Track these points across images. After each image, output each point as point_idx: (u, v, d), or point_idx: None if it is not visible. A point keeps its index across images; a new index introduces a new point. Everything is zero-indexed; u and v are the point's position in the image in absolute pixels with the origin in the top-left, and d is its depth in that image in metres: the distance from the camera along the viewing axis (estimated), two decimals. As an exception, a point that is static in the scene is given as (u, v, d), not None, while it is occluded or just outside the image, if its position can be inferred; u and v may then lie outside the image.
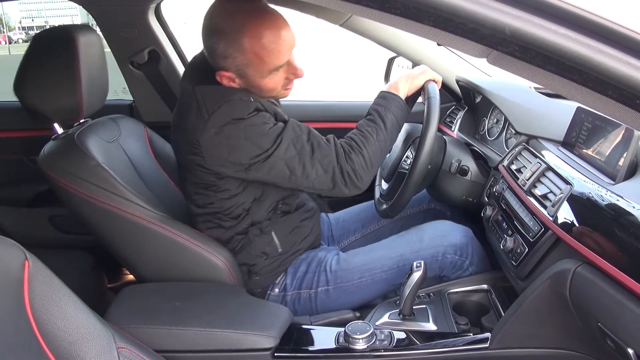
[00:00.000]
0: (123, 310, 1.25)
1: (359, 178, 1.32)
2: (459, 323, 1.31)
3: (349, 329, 1.18)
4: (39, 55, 1.34)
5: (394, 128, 1.39)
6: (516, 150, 1.45)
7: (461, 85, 1.88)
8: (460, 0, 0.55)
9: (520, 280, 1.23)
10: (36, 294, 0.81)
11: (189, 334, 1.17)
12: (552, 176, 1.21)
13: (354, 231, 1.71)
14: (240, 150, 1.26)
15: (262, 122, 1.27)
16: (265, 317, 1.25)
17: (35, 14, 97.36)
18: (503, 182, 1.43)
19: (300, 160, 1.28)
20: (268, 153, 1.26)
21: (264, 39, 1.23)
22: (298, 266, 1.47)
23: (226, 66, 1.27)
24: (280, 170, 1.29)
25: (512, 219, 1.32)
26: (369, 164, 1.33)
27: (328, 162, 1.30)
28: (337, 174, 1.30)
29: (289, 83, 1.36)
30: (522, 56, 0.57)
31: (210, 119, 1.25)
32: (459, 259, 1.45)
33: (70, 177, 1.29)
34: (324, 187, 1.33)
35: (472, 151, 1.68)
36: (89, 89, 1.35)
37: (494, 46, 0.57)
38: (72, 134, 1.34)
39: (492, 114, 1.76)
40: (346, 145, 1.33)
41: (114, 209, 1.30)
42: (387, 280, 1.44)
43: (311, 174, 1.29)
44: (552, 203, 1.12)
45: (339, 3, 0.58)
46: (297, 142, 1.28)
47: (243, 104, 1.27)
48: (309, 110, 2.23)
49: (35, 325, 0.81)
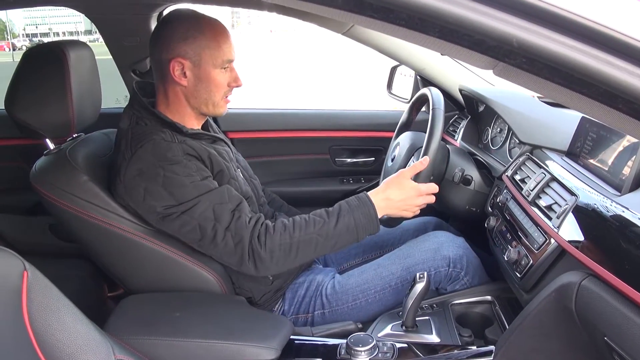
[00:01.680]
0: (123, 321, 1.23)
1: (267, 261, 1.25)
2: (462, 335, 1.29)
3: (351, 341, 1.17)
4: (29, 71, 1.34)
5: (347, 233, 1.28)
6: (520, 160, 1.44)
7: (464, 94, 1.88)
8: (467, 11, 0.54)
9: (525, 292, 1.21)
10: (35, 305, 0.80)
11: (189, 345, 1.15)
12: (556, 187, 1.20)
13: (354, 255, 1.69)
14: (154, 196, 1.24)
15: (185, 174, 1.25)
16: (266, 328, 1.23)
17: (39, 21, 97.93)
18: (507, 192, 1.42)
19: (214, 228, 1.24)
20: (182, 208, 1.24)
21: (218, 27, 1.33)
22: (296, 291, 1.47)
23: (185, 50, 1.30)
24: (191, 230, 1.26)
25: (516, 230, 1.30)
26: (287, 251, 1.26)
27: (239, 239, 1.24)
28: (245, 253, 1.25)
29: (229, 92, 1.37)
30: (529, 68, 0.56)
31: (132, 158, 1.26)
32: (453, 271, 1.43)
33: (60, 193, 1.29)
34: (231, 261, 1.28)
35: (476, 160, 1.67)
36: (80, 104, 1.35)
37: (500, 58, 0.56)
38: (64, 150, 1.34)
39: (496, 123, 1.75)
40: (272, 228, 1.27)
41: (104, 224, 1.30)
42: (381, 300, 1.43)
43: (220, 245, 1.25)
44: (556, 214, 1.11)
45: (343, 14, 0.57)
46: (219, 209, 1.25)
47: (165, 145, 1.26)
48: (308, 118, 2.23)
49: (33, 336, 0.80)
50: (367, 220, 1.29)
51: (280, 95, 10.67)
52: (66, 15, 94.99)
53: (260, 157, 2.19)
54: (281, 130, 2.17)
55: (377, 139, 2.18)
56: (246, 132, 2.16)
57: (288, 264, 1.29)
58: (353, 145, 2.22)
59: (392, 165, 1.67)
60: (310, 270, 1.53)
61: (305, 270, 1.52)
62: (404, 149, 1.63)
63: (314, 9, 0.60)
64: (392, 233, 1.70)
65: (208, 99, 1.35)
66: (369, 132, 2.20)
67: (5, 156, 1.98)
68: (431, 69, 1.95)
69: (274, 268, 1.28)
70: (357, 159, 2.24)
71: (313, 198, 2.19)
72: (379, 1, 0.53)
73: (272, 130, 2.17)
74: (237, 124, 2.15)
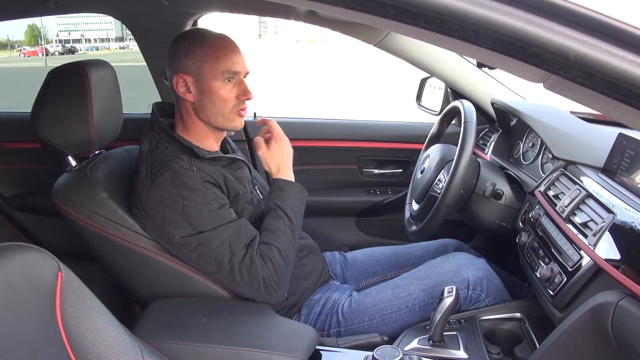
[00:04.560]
0: (151, 324, 1.24)
1: (278, 285, 1.31)
2: (490, 352, 1.27)
3: (377, 354, 1.15)
4: (53, 90, 1.38)
5: (296, 214, 1.39)
6: (553, 176, 1.41)
7: (496, 107, 1.85)
8: (524, 24, 0.52)
9: (558, 310, 1.18)
10: (67, 305, 0.82)
11: (216, 351, 1.16)
12: (592, 204, 1.17)
13: (373, 274, 1.67)
14: (173, 224, 1.27)
15: (203, 202, 1.27)
16: (291, 337, 1.23)
17: (71, 28, 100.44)
18: (539, 208, 1.40)
19: (230, 261, 1.28)
20: (200, 238, 1.27)
21: (221, 42, 1.35)
22: (312, 307, 1.46)
23: (186, 65, 1.33)
24: (208, 262, 1.29)
25: (549, 247, 1.28)
26: (285, 260, 1.32)
27: (255, 272, 1.28)
28: (261, 284, 1.29)
29: (240, 105, 1.37)
30: (584, 82, 0.54)
31: (152, 186, 1.28)
32: (472, 293, 1.41)
33: (79, 209, 1.32)
34: (245, 293, 1.32)
35: (506, 175, 1.64)
36: (101, 122, 1.39)
37: (554, 71, 0.55)
38: (85, 167, 1.37)
39: (528, 138, 1.73)
40: (263, 251, 1.31)
41: (122, 241, 1.32)
42: (398, 321, 1.41)
43: (236, 277, 1.28)
44: (593, 232, 1.08)
45: (395, 24, 0.57)
46: (235, 242, 1.28)
47: (184, 173, 1.28)
48: (337, 128, 2.23)
49: (65, 337, 0.81)
50: (299, 195, 1.43)
51: (301, 104, 10.72)
52: (98, 22, 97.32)
53: None
54: (309, 139, 2.17)
55: (405, 150, 2.16)
56: None
57: (287, 276, 1.34)
58: (381, 156, 2.21)
59: (421, 177, 1.66)
60: (327, 286, 1.52)
61: (321, 287, 1.52)
62: (434, 161, 1.62)
63: (365, 19, 0.60)
64: (412, 253, 1.69)
65: (215, 112, 1.36)
66: (397, 143, 2.18)
67: (38, 159, 2.02)
68: (462, 82, 1.93)
69: (279, 290, 1.32)
70: (385, 170, 2.23)
71: (339, 208, 2.19)
72: (433, 12, 0.53)
73: (300, 139, 2.17)
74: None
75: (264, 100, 1.42)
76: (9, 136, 2.16)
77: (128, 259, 1.36)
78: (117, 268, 1.43)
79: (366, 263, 1.68)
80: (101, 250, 1.39)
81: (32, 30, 74.17)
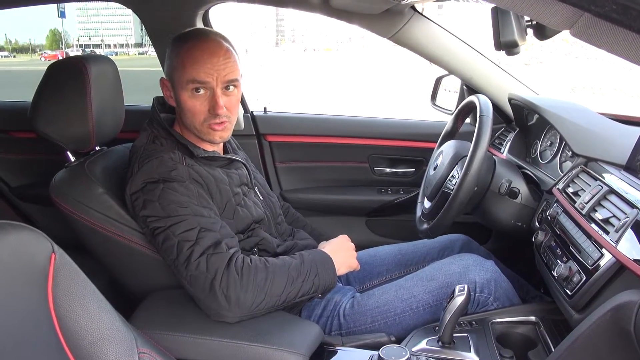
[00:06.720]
0: (149, 314, 1.22)
1: (237, 298, 1.15)
2: (503, 356, 1.21)
3: (383, 353, 1.10)
4: (51, 85, 1.37)
5: (308, 281, 1.26)
6: (573, 173, 1.35)
7: (514, 104, 1.79)
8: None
9: (576, 311, 1.12)
10: (60, 289, 0.78)
11: (214, 344, 1.13)
12: (615, 199, 1.11)
13: (377, 274, 1.62)
14: (148, 208, 1.22)
15: (183, 194, 1.22)
16: (294, 333, 1.19)
17: (92, 33, 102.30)
18: (558, 206, 1.34)
19: (190, 248, 1.17)
20: (169, 222, 1.19)
21: (193, 48, 1.27)
22: (312, 309, 1.40)
23: (167, 70, 1.33)
24: (169, 247, 1.19)
25: (567, 245, 1.22)
26: (261, 287, 1.17)
27: (214, 268, 1.15)
28: (218, 283, 1.14)
29: (212, 119, 1.29)
30: (620, 18, 0.48)
31: (138, 172, 1.25)
32: (480, 296, 1.35)
33: (76, 204, 1.31)
34: (197, 287, 1.16)
35: (523, 174, 1.59)
36: (100, 118, 1.37)
37: (585, 7, 0.48)
38: (83, 162, 1.36)
39: (546, 136, 1.67)
40: (249, 261, 1.20)
41: (118, 237, 1.31)
42: (401, 324, 1.36)
43: (191, 265, 1.16)
44: (615, 228, 1.03)
45: None
46: (204, 234, 1.18)
47: (172, 164, 1.25)
48: (348, 125, 2.19)
49: (56, 321, 0.78)
50: (329, 282, 1.30)
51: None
52: (118, 28, 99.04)
53: (297, 162, 2.16)
54: (320, 135, 2.13)
55: (418, 149, 2.11)
56: (285, 136, 2.14)
57: (251, 299, 1.16)
58: (393, 154, 2.16)
59: (434, 174, 1.61)
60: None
61: None
62: (447, 157, 1.57)
63: None
64: (417, 251, 1.64)
65: (189, 123, 1.33)
66: (410, 141, 2.13)
67: (42, 148, 2.00)
68: (479, 78, 1.88)
69: (238, 306, 1.15)
70: (397, 169, 2.17)
71: (350, 207, 2.14)
72: None
73: (311, 135, 2.14)
74: (276, 127, 2.13)
75: (278, 99, 1.38)
76: (17, 125, 2.15)
77: (126, 257, 1.35)
78: (112, 263, 1.41)
79: (370, 264, 1.63)
80: (99, 249, 1.38)
81: (53, 34, 75.83)
